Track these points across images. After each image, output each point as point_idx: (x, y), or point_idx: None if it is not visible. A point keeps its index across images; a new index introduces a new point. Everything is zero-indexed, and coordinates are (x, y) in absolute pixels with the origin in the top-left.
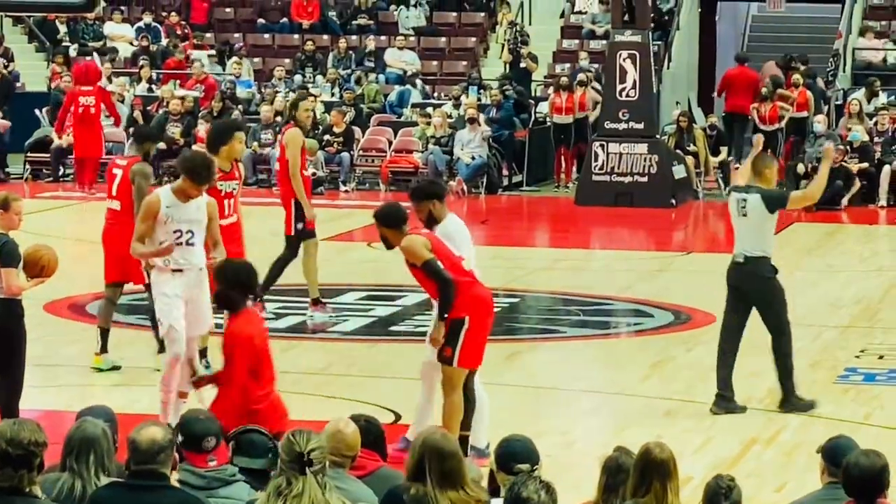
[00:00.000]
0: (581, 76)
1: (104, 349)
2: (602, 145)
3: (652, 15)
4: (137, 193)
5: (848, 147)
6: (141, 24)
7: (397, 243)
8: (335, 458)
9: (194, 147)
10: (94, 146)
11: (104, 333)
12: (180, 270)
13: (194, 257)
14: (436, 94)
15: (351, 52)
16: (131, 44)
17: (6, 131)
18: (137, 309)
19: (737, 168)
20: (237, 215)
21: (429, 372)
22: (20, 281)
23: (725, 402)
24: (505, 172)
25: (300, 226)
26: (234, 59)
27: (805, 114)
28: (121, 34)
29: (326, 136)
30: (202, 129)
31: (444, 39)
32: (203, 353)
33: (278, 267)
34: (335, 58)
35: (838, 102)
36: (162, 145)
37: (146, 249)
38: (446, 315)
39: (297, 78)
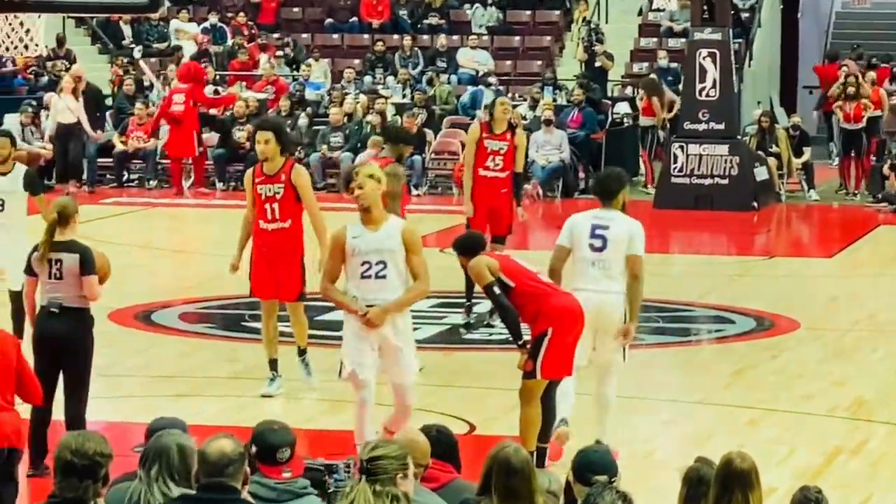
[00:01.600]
0: (642, 92)
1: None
2: (681, 146)
3: (732, 12)
4: (390, 196)
5: None
6: (206, 24)
7: None
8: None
9: None
10: (186, 147)
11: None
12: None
13: (388, 293)
14: (510, 95)
15: (422, 51)
16: (196, 42)
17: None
18: (205, 318)
19: None
20: (290, 220)
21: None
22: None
23: None
24: (581, 175)
25: None
26: (308, 60)
27: (879, 112)
28: (186, 30)
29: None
30: None
31: (518, 38)
32: (302, 352)
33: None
34: (403, 58)
35: None
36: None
37: (338, 297)
38: (520, 343)
39: (368, 79)
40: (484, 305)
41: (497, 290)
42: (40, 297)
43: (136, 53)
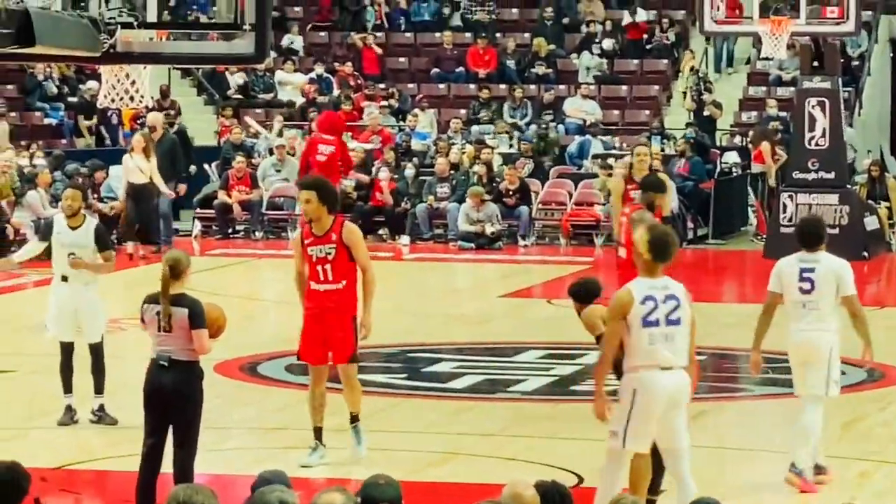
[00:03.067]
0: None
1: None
2: (791, 196)
3: (842, 60)
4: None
5: None
6: (312, 74)
7: None
8: None
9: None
10: None
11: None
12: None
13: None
14: (617, 145)
15: (529, 101)
16: (302, 93)
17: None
18: (296, 369)
19: None
20: (344, 281)
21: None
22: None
23: None
24: (690, 225)
25: None
26: (414, 110)
27: None
28: (291, 81)
29: (503, 189)
30: (384, 179)
31: (625, 88)
32: (354, 419)
33: None
34: (511, 107)
35: None
36: None
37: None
38: None
39: (475, 129)
40: (591, 357)
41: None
42: (151, 349)
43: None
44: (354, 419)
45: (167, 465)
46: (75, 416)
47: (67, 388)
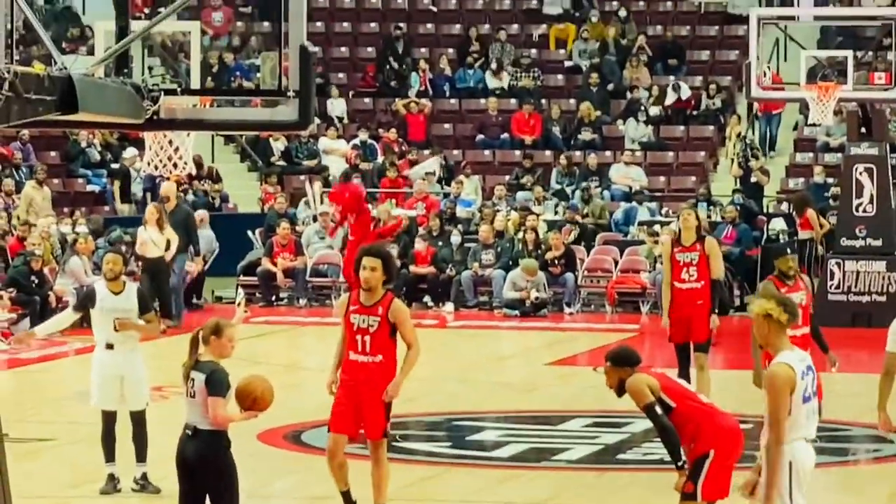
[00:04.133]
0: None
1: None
2: (838, 263)
3: (889, 126)
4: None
5: None
6: (356, 140)
7: (622, 384)
8: None
9: (413, 268)
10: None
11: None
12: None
13: None
14: (664, 212)
15: (575, 167)
16: (346, 159)
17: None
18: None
19: None
20: (382, 355)
21: None
22: (228, 412)
23: None
24: (737, 292)
25: None
26: (460, 177)
27: None
28: (335, 148)
29: (550, 254)
30: (422, 248)
31: (671, 154)
32: None
33: None
34: (559, 174)
35: None
36: None
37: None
38: (680, 464)
39: (520, 195)
40: (637, 425)
41: (659, 410)
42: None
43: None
44: None
45: None
46: (118, 485)
47: (110, 457)
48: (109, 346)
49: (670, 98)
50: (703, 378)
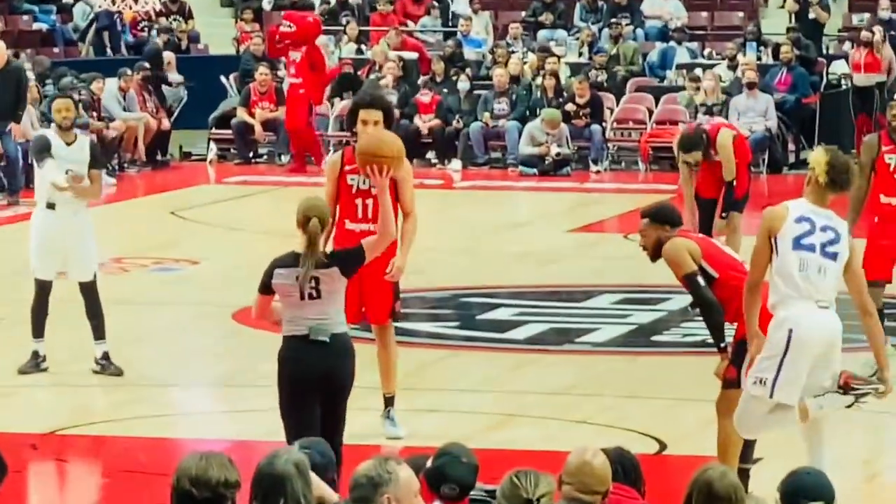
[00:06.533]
0: (865, 34)
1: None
2: None
3: None
4: None
5: None
6: None
7: (659, 247)
8: (583, 497)
9: (416, 120)
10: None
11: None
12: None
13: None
14: (706, 53)
15: (601, 2)
16: None
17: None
18: None
19: None
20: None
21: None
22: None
23: None
24: (791, 147)
25: None
26: (467, 13)
27: None
28: None
29: (570, 106)
30: (425, 97)
31: None
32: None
33: None
34: (583, 9)
35: None
36: None
37: None
38: (722, 346)
39: (541, 34)
40: (674, 301)
41: (701, 281)
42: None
43: (266, 4)
44: (389, 402)
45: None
46: (42, 364)
47: (38, 332)
48: (51, 206)
49: None
50: (733, 242)
